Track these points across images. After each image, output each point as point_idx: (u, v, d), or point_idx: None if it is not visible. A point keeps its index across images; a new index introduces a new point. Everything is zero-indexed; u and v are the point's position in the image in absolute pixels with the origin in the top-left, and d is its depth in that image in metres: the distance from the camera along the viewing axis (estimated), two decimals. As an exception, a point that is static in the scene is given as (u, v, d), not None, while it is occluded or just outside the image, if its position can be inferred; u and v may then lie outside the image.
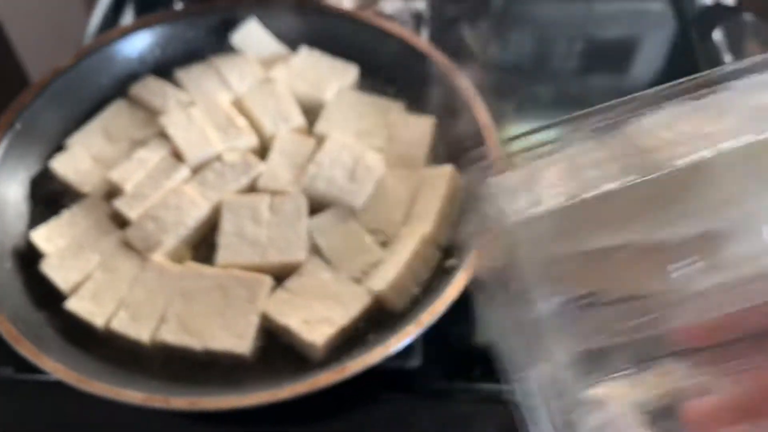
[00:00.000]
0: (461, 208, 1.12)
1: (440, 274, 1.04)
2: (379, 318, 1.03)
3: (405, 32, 1.30)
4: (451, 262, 1.03)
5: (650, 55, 1.59)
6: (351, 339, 1.01)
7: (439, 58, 1.24)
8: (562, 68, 1.55)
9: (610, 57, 1.57)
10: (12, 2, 2.37)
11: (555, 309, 0.44)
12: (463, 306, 1.12)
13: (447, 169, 1.13)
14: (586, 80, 1.53)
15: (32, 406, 1.03)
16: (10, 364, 1.02)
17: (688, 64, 1.55)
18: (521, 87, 1.49)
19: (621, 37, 1.63)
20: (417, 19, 1.48)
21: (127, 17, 1.55)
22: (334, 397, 0.90)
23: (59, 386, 0.89)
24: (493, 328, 0.48)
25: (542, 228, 0.44)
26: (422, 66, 1.26)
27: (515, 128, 1.41)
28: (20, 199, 1.13)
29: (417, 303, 1.02)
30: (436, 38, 1.49)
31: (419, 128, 1.21)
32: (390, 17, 1.47)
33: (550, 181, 0.45)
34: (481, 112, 1.16)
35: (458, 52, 1.50)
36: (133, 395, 0.85)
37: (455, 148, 1.20)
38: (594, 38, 1.62)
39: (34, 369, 0.91)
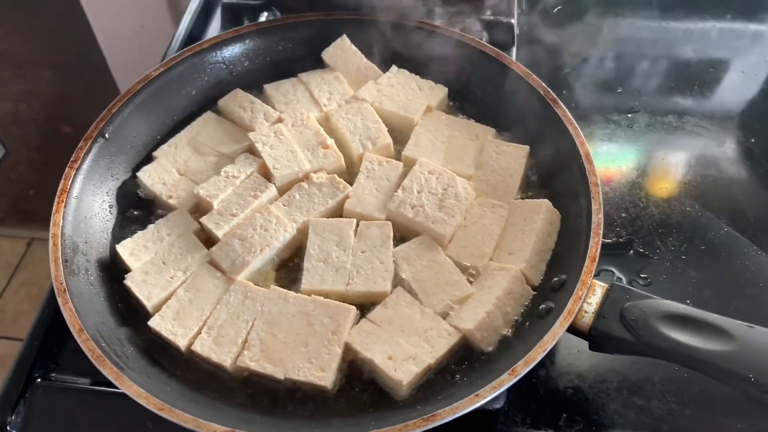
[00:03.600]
0: (556, 247, 1.07)
1: (534, 317, 0.98)
2: (466, 357, 0.98)
3: (499, 53, 1.24)
4: (546, 305, 0.97)
5: (748, 77, 1.49)
6: (436, 377, 0.96)
7: (536, 82, 1.18)
8: (655, 88, 1.47)
9: (702, 78, 1.49)
10: (102, 12, 2.43)
11: None
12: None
13: (544, 203, 1.07)
14: (682, 103, 1.44)
15: (107, 417, 1.02)
16: (87, 376, 1.02)
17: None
18: (611, 107, 1.43)
19: (713, 58, 1.54)
20: (508, 36, 1.42)
21: (213, 29, 1.54)
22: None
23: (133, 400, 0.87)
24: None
25: None
26: (517, 89, 1.21)
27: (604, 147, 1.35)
28: (106, 208, 1.12)
29: (508, 345, 0.97)
30: (524, 56, 1.44)
31: (512, 156, 1.16)
32: (479, 34, 1.42)
33: None
34: (581, 141, 1.09)
35: (548, 72, 1.46)
36: (214, 428, 0.82)
37: (551, 179, 1.14)
38: (688, 59, 1.54)
39: (111, 383, 0.89)
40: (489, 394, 0.84)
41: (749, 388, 0.83)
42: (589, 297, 0.93)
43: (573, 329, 0.92)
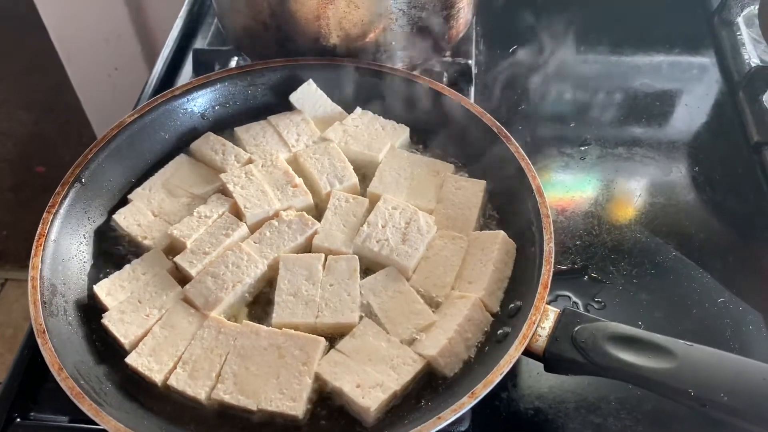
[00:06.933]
0: (512, 275, 1.13)
1: (493, 342, 1.04)
2: (430, 382, 1.03)
3: (456, 94, 1.32)
4: (503, 330, 1.03)
5: (692, 109, 1.59)
6: (403, 402, 1.01)
7: (490, 121, 1.26)
8: (605, 121, 1.56)
9: (650, 111, 1.58)
10: (76, 54, 2.47)
11: None
12: (510, 370, 1.12)
13: (500, 235, 1.14)
14: (631, 135, 1.53)
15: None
16: (65, 414, 1.05)
17: (735, 121, 1.55)
18: (565, 140, 1.51)
19: (659, 92, 1.63)
20: (466, 76, 1.51)
21: (186, 72, 1.60)
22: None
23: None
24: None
25: None
26: (474, 128, 1.28)
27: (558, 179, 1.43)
28: (83, 251, 1.16)
29: (469, 369, 1.03)
30: (483, 95, 1.52)
31: (471, 191, 1.23)
32: (439, 76, 1.50)
33: None
34: (533, 175, 1.17)
35: (505, 109, 1.54)
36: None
37: (507, 211, 1.21)
38: (637, 91, 1.63)
39: (88, 420, 0.93)
40: (450, 416, 0.90)
41: (690, 402, 0.90)
42: (543, 321, 0.99)
43: (528, 352, 0.99)
